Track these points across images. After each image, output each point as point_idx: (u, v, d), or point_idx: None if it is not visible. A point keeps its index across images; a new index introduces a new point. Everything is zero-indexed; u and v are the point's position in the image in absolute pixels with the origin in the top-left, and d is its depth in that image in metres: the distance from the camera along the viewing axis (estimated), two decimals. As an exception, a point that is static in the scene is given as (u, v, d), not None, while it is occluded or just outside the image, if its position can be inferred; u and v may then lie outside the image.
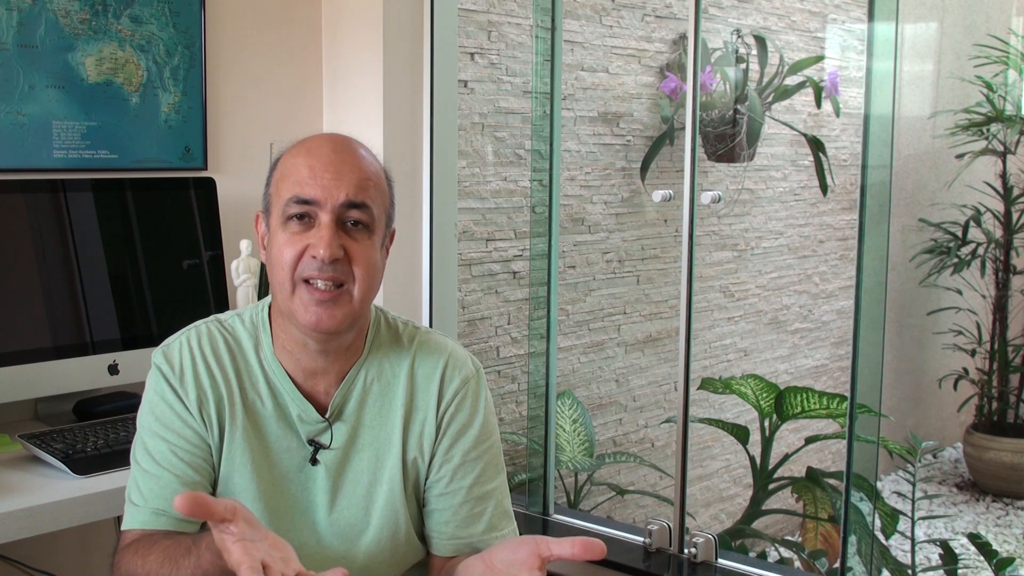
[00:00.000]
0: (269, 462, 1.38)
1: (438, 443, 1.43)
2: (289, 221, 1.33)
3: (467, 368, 1.46)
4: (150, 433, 1.37)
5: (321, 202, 1.31)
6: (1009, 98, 4.97)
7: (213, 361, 1.39)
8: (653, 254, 4.04)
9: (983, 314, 5.14)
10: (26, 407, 1.99)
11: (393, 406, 1.42)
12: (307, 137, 1.40)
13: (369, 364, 1.42)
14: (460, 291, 3.21)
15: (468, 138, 3.26)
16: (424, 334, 1.48)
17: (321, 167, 1.32)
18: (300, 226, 1.32)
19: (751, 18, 4.32)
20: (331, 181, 1.32)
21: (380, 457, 1.41)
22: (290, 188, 1.33)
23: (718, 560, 2.14)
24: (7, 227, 1.89)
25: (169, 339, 1.43)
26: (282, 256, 1.32)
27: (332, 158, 1.34)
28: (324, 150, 1.35)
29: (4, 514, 1.56)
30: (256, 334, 1.42)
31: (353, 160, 1.35)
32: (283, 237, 1.33)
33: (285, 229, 1.33)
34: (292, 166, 1.34)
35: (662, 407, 4.13)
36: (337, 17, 2.45)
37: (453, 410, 1.43)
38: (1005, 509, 4.96)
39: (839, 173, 4.89)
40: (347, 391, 1.41)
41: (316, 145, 1.36)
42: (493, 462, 1.46)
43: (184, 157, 2.26)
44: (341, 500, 1.40)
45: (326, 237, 1.30)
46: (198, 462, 1.35)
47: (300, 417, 1.39)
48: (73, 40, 2.06)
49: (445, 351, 1.46)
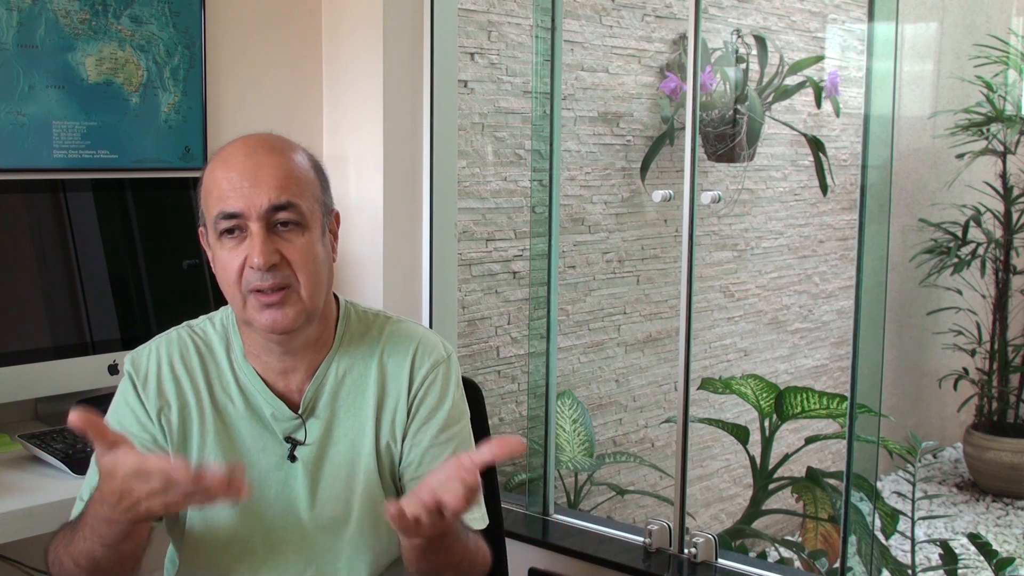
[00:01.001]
0: (245, 464, 1.39)
1: (409, 425, 1.44)
2: (223, 236, 1.33)
3: (438, 352, 1.46)
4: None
5: (245, 213, 1.31)
6: (1009, 98, 4.97)
7: (181, 367, 1.41)
8: (653, 254, 4.04)
9: (983, 314, 5.14)
10: (26, 407, 1.99)
11: (365, 396, 1.43)
12: (226, 144, 1.40)
13: (340, 357, 1.43)
14: (460, 291, 3.21)
15: (468, 138, 3.26)
16: (394, 323, 1.48)
17: (238, 177, 1.32)
18: (234, 240, 1.33)
19: (751, 18, 4.32)
20: (250, 189, 1.31)
21: (356, 448, 1.42)
22: (215, 204, 1.33)
23: (718, 560, 2.14)
24: (7, 227, 1.89)
25: (141, 345, 1.45)
26: (226, 272, 1.34)
27: (246, 164, 1.33)
28: (237, 158, 1.34)
29: (4, 514, 1.56)
30: (227, 336, 1.44)
31: (268, 160, 1.34)
32: (222, 254, 1.34)
33: (222, 245, 1.34)
34: (212, 181, 1.35)
35: (662, 407, 4.13)
36: (337, 17, 2.45)
37: (423, 393, 1.44)
38: (1005, 509, 4.96)
39: (839, 173, 4.88)
40: (318, 386, 1.41)
41: (229, 154, 1.36)
42: (464, 445, 1.46)
43: (184, 157, 2.26)
44: (322, 494, 1.40)
45: (257, 247, 1.30)
46: None
47: (274, 415, 1.40)
48: (73, 40, 2.06)
49: (416, 338, 1.47)
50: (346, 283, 2.43)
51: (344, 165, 2.44)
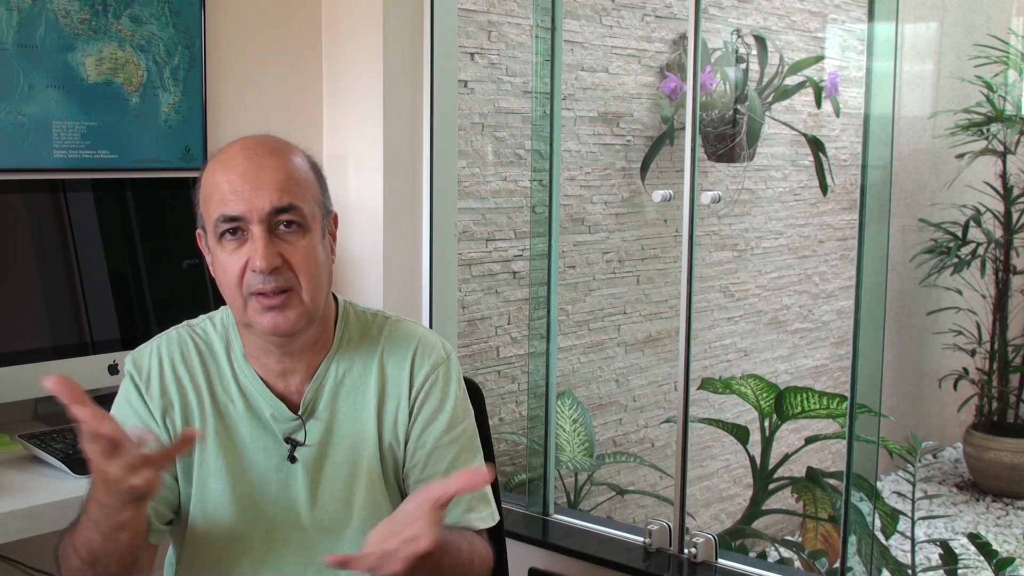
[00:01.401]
0: (244, 464, 1.39)
1: (411, 427, 1.43)
2: (223, 239, 1.33)
3: (437, 353, 1.46)
4: None
5: (247, 216, 1.31)
6: (1009, 98, 4.97)
7: (182, 367, 1.41)
8: (653, 254, 4.04)
9: (983, 314, 5.14)
10: (26, 407, 1.99)
11: (366, 397, 1.43)
12: (224, 146, 1.39)
13: (339, 358, 1.43)
14: (460, 291, 3.21)
15: (468, 138, 3.26)
16: (393, 323, 1.48)
17: (239, 180, 1.32)
18: (235, 241, 1.33)
19: (751, 18, 4.32)
20: (251, 192, 1.31)
21: (357, 449, 1.42)
22: (215, 208, 1.33)
23: (718, 560, 2.14)
24: (7, 227, 1.89)
25: (142, 345, 1.45)
26: (226, 275, 1.33)
27: (247, 167, 1.33)
28: (237, 160, 1.34)
29: (4, 514, 1.56)
30: (227, 336, 1.44)
31: (269, 163, 1.34)
32: (223, 256, 1.34)
33: (222, 248, 1.34)
34: (212, 184, 1.34)
35: (662, 407, 4.13)
36: (337, 17, 2.45)
37: (424, 395, 1.44)
38: (1005, 509, 4.96)
39: (839, 173, 4.88)
40: (318, 387, 1.41)
41: (229, 157, 1.35)
42: (468, 446, 1.46)
43: (184, 157, 2.26)
44: (322, 496, 1.40)
45: (260, 249, 1.30)
46: None
47: (273, 416, 1.40)
48: (73, 40, 2.06)
49: (415, 338, 1.47)
50: (346, 283, 2.43)
51: (344, 165, 2.44)
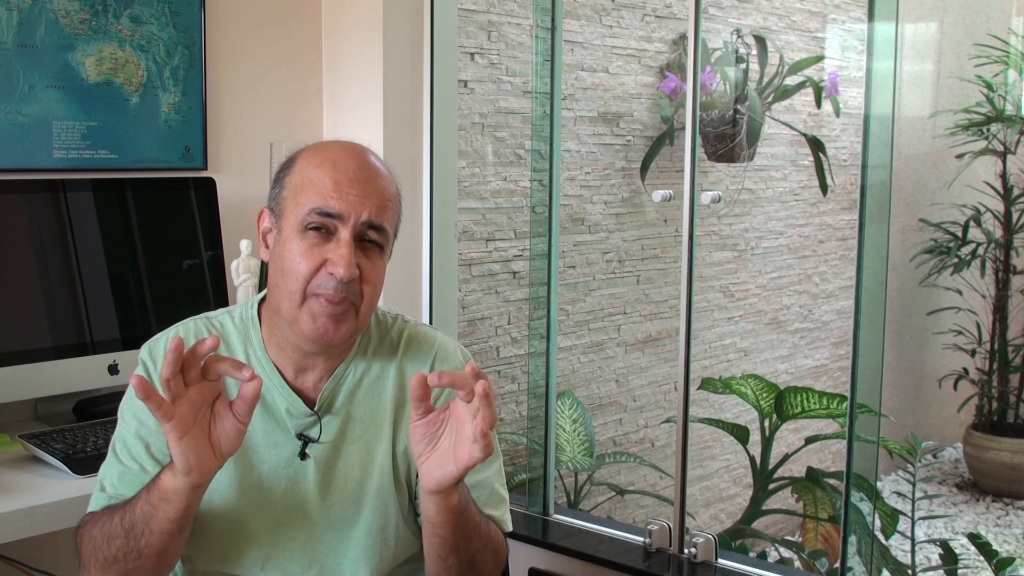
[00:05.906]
0: (254, 459, 1.39)
1: None
2: (307, 231, 1.33)
3: (456, 359, 1.48)
4: (129, 428, 1.38)
5: (344, 217, 1.32)
6: (1009, 98, 4.97)
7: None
8: (653, 254, 4.04)
9: (983, 314, 5.14)
10: (26, 407, 2.00)
11: (383, 399, 1.43)
12: (324, 144, 1.40)
13: (359, 359, 1.43)
14: (460, 291, 3.21)
15: (468, 138, 3.26)
16: (413, 327, 1.49)
17: (348, 183, 1.33)
18: (318, 237, 1.32)
19: (751, 18, 4.33)
20: (356, 199, 1.32)
21: (370, 450, 1.42)
22: (313, 199, 1.32)
23: (718, 560, 2.14)
24: (7, 227, 1.89)
25: (158, 335, 1.44)
26: (296, 267, 1.32)
27: (359, 175, 1.34)
28: (349, 165, 1.35)
29: (4, 514, 1.56)
30: (246, 331, 1.43)
31: (377, 180, 1.36)
32: (299, 247, 1.33)
33: (302, 239, 1.33)
34: (316, 176, 1.34)
35: (662, 407, 4.13)
36: (337, 17, 2.45)
37: (443, 400, 1.43)
38: (1005, 509, 4.96)
39: (839, 173, 4.89)
40: (336, 385, 1.41)
41: (341, 158, 1.36)
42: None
43: (184, 157, 2.26)
44: (332, 494, 1.40)
45: (346, 256, 1.30)
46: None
47: (288, 411, 1.40)
48: (73, 40, 2.06)
49: (434, 343, 1.48)
50: (346, 283, 2.43)
51: (344, 165, 2.43)
